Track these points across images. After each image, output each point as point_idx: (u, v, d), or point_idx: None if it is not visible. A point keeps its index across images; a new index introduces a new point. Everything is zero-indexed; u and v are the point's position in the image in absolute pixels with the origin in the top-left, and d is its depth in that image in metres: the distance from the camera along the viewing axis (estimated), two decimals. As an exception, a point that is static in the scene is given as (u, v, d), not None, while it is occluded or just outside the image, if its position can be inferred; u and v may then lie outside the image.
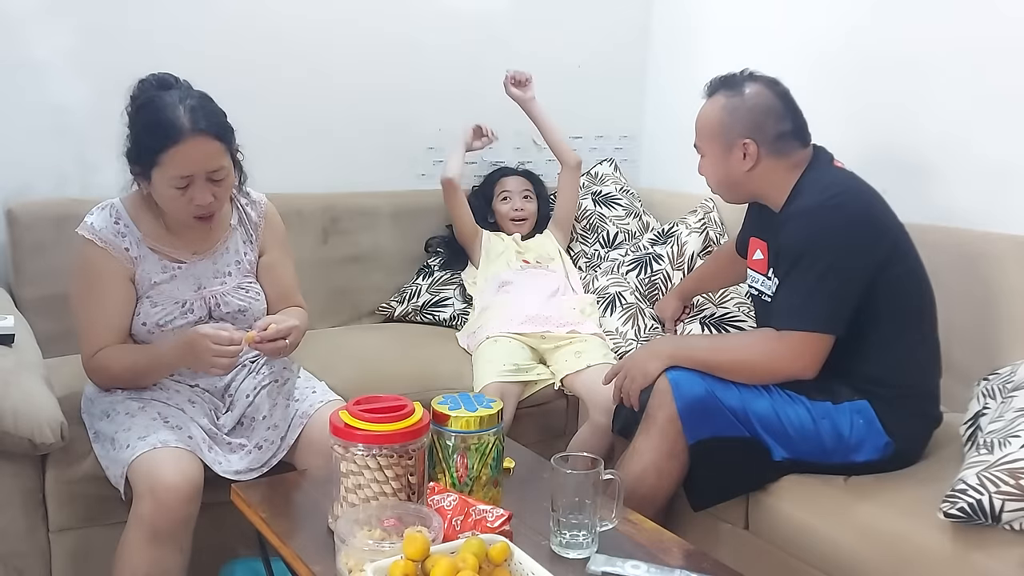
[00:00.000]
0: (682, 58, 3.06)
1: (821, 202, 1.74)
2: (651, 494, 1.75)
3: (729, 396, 1.73)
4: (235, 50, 2.52)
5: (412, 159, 2.88)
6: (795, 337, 1.71)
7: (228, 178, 1.75)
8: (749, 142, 1.80)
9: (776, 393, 1.76)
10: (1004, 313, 2.01)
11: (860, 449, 1.74)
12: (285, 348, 1.77)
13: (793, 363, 1.73)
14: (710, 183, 1.93)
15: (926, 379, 1.82)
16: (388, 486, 1.37)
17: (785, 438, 1.73)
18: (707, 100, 1.88)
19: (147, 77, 1.75)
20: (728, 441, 1.72)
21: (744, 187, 1.87)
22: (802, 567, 1.69)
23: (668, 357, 1.79)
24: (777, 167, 1.82)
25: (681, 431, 1.72)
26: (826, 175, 1.81)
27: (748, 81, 1.84)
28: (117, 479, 1.65)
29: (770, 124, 1.80)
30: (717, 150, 1.85)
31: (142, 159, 1.70)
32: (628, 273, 2.60)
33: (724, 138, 1.83)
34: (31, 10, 2.28)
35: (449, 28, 2.84)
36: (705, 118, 1.87)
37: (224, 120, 1.74)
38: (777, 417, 1.73)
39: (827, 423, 1.74)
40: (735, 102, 1.82)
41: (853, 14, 2.45)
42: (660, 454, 1.74)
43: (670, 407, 1.73)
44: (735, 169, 1.84)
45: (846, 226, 1.71)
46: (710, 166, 1.89)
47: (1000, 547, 1.44)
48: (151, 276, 1.80)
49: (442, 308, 2.71)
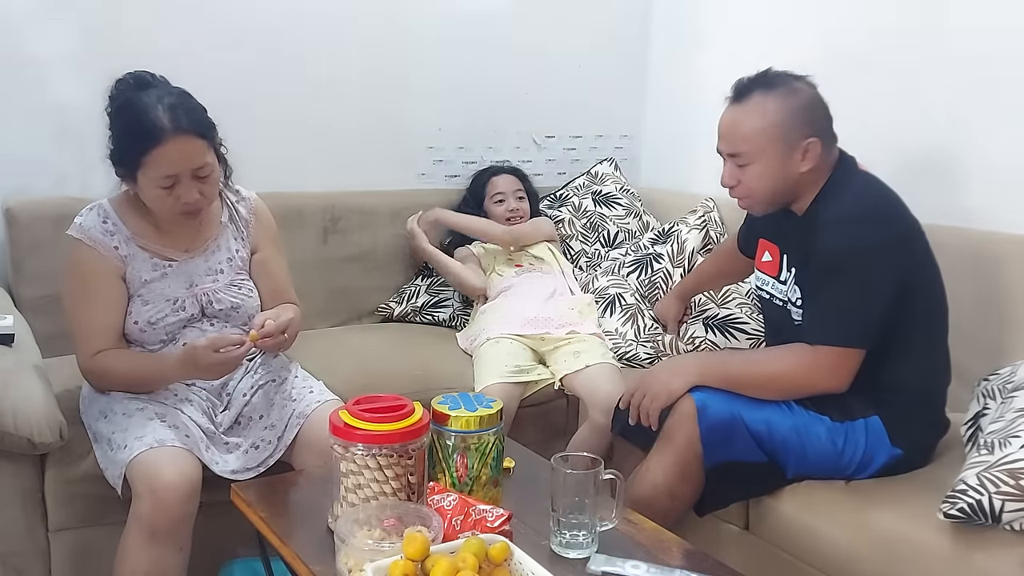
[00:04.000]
0: (682, 58, 3.06)
1: (858, 212, 1.67)
2: (662, 514, 1.66)
3: (755, 419, 1.69)
4: (235, 50, 2.52)
5: (412, 159, 2.88)
6: (830, 352, 1.67)
7: (213, 174, 1.75)
8: (814, 141, 1.70)
9: (799, 412, 1.72)
10: (1004, 313, 2.01)
11: (870, 465, 1.72)
12: (285, 342, 1.78)
13: (827, 378, 1.69)
14: (756, 190, 1.76)
15: (937, 386, 1.81)
16: (388, 486, 1.37)
17: (802, 459, 1.70)
18: (741, 104, 1.73)
19: (124, 76, 1.74)
20: (746, 466, 1.69)
21: (790, 193, 1.76)
22: (803, 568, 1.68)
23: (697, 375, 1.72)
24: (821, 167, 1.74)
25: (699, 455, 1.67)
26: (856, 180, 1.74)
27: (791, 79, 1.73)
28: (115, 479, 1.64)
29: (829, 122, 1.74)
30: (776, 154, 1.70)
31: (125, 161, 1.70)
32: (629, 276, 2.60)
33: (785, 140, 1.69)
34: (31, 10, 2.28)
35: (449, 28, 2.84)
36: (756, 123, 1.70)
37: (204, 116, 1.73)
38: (799, 439, 1.70)
39: (844, 443, 1.71)
40: (792, 101, 1.70)
41: (859, 13, 2.44)
42: (674, 477, 1.69)
43: (692, 431, 1.67)
44: (792, 172, 1.72)
45: (884, 239, 1.66)
46: (761, 175, 1.73)
47: (1000, 547, 1.44)
48: (141, 274, 1.80)
49: (441, 309, 2.71)
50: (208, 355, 1.67)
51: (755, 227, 2.00)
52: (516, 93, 2.99)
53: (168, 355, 1.78)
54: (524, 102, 3.01)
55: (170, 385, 1.80)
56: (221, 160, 1.79)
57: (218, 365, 1.69)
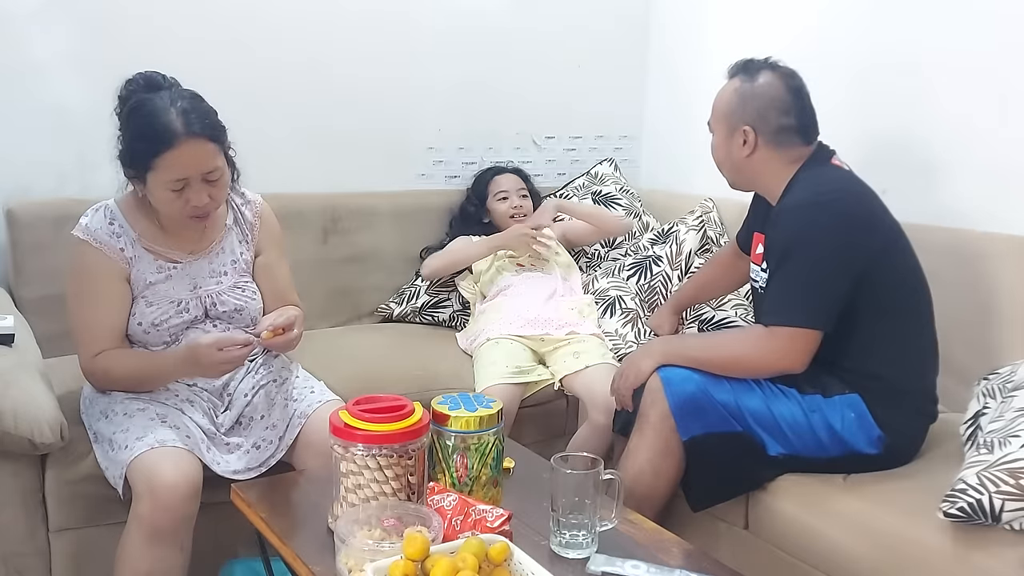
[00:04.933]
0: (682, 58, 3.06)
1: (811, 198, 1.75)
2: (649, 493, 1.76)
3: (721, 392, 1.74)
4: (235, 50, 2.52)
5: (412, 159, 2.88)
6: (783, 332, 1.72)
7: (223, 177, 1.75)
8: (748, 129, 1.83)
9: (767, 388, 1.77)
10: (1004, 313, 2.01)
11: (853, 444, 1.74)
12: (293, 340, 1.79)
13: (782, 359, 1.74)
14: (715, 162, 1.95)
15: (920, 376, 1.82)
16: (388, 486, 1.37)
17: (779, 432, 1.74)
18: (727, 81, 1.90)
19: (134, 76, 1.74)
20: (722, 437, 1.73)
21: (743, 173, 1.90)
22: (801, 566, 1.69)
23: (660, 355, 1.82)
24: (774, 159, 1.84)
25: (674, 428, 1.74)
26: (822, 172, 1.82)
27: (765, 69, 1.85)
28: (116, 479, 1.64)
29: (773, 116, 1.82)
30: (723, 132, 1.89)
31: (136, 163, 1.70)
32: (629, 279, 2.60)
33: (729, 121, 1.86)
34: (31, 10, 2.28)
35: (449, 28, 2.84)
36: (718, 99, 1.90)
37: (216, 119, 1.73)
38: (769, 412, 1.74)
39: (818, 416, 1.75)
40: (746, 88, 1.84)
41: (854, 12, 2.45)
42: (655, 452, 1.76)
43: (662, 404, 1.75)
44: (735, 154, 1.87)
45: (834, 222, 1.72)
46: (716, 146, 1.92)
47: (1000, 547, 1.44)
48: (146, 276, 1.80)
49: (441, 309, 2.71)
50: (211, 354, 1.67)
51: (751, 222, 2.06)
52: (516, 94, 2.99)
53: (170, 353, 1.78)
54: (524, 102, 3.02)
55: (171, 384, 1.80)
56: (230, 163, 1.79)
57: (220, 364, 1.69)
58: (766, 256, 1.85)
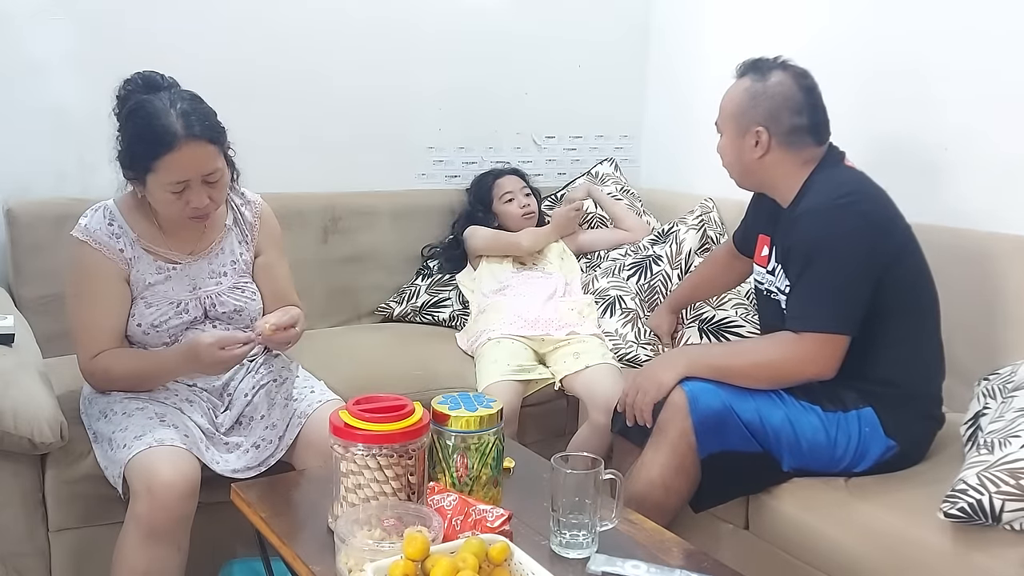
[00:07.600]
0: (682, 58, 3.06)
1: (831, 201, 1.72)
2: (658, 508, 1.70)
3: (746, 409, 1.71)
4: (235, 50, 2.52)
5: (412, 159, 2.88)
6: (812, 338, 1.70)
7: (223, 179, 1.75)
8: (762, 130, 1.80)
9: (791, 403, 1.74)
10: (1005, 313, 2.01)
11: (865, 457, 1.73)
12: (294, 337, 1.79)
13: (811, 364, 1.71)
14: (724, 163, 1.91)
15: (930, 380, 1.82)
16: (388, 486, 1.37)
17: (797, 449, 1.71)
18: (735, 81, 1.87)
19: (132, 77, 1.73)
20: (740, 456, 1.70)
21: (755, 175, 1.87)
22: (802, 567, 1.68)
23: (684, 367, 1.76)
24: (786, 160, 1.81)
25: (693, 446, 1.69)
26: (836, 174, 1.80)
27: (776, 69, 1.82)
28: (115, 479, 1.64)
29: (786, 116, 1.79)
30: (732, 132, 1.85)
31: (136, 165, 1.70)
32: (629, 279, 2.60)
33: (740, 121, 1.83)
34: (31, 10, 2.28)
35: (450, 28, 2.84)
36: (728, 99, 1.87)
37: (216, 121, 1.73)
38: (792, 429, 1.71)
39: (838, 434, 1.72)
40: (757, 87, 1.81)
41: (858, 12, 2.45)
42: (669, 469, 1.71)
43: (684, 422, 1.70)
44: (746, 155, 1.84)
45: (856, 226, 1.70)
46: (725, 147, 1.89)
47: (1000, 547, 1.44)
48: (145, 277, 1.80)
49: (441, 309, 2.71)
50: (212, 352, 1.67)
51: (753, 224, 2.04)
52: (516, 93, 2.99)
53: (170, 350, 1.78)
54: (524, 102, 3.02)
55: (171, 384, 1.80)
56: (230, 164, 1.79)
57: (221, 363, 1.69)
58: (781, 259, 1.83)
